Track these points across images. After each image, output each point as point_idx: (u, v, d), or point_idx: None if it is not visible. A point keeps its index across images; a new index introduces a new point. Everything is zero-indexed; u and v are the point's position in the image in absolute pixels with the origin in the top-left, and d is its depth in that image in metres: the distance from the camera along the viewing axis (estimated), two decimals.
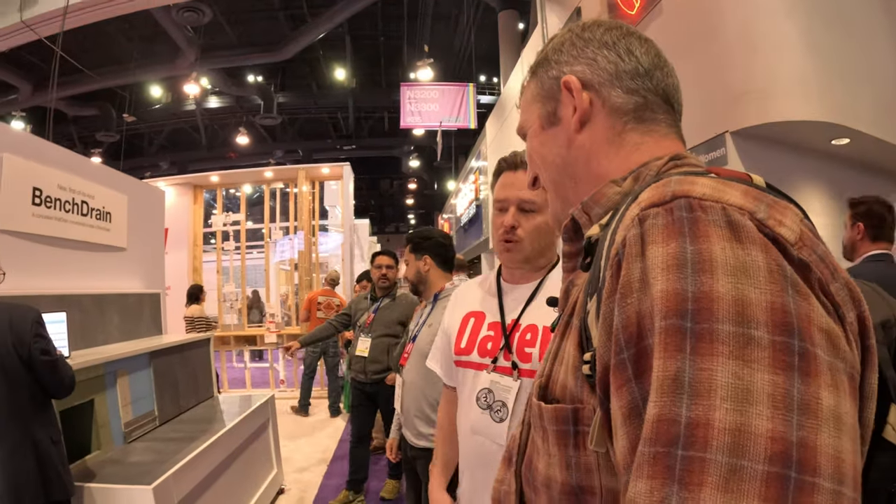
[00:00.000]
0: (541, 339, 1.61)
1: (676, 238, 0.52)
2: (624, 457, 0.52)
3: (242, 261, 9.83)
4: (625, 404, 0.52)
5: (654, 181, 0.64)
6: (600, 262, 0.62)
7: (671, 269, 0.50)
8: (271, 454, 4.97)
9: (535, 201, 1.67)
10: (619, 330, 0.54)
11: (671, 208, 0.54)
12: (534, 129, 0.90)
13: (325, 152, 25.11)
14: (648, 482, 0.46)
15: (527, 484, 0.77)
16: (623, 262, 0.55)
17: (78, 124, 18.96)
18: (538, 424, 0.73)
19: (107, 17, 9.09)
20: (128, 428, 3.62)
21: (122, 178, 4.96)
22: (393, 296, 4.73)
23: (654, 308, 0.51)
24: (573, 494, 0.66)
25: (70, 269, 4.14)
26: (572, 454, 0.66)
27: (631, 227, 0.56)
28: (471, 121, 17.30)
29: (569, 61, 0.84)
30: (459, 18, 19.26)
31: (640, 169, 0.76)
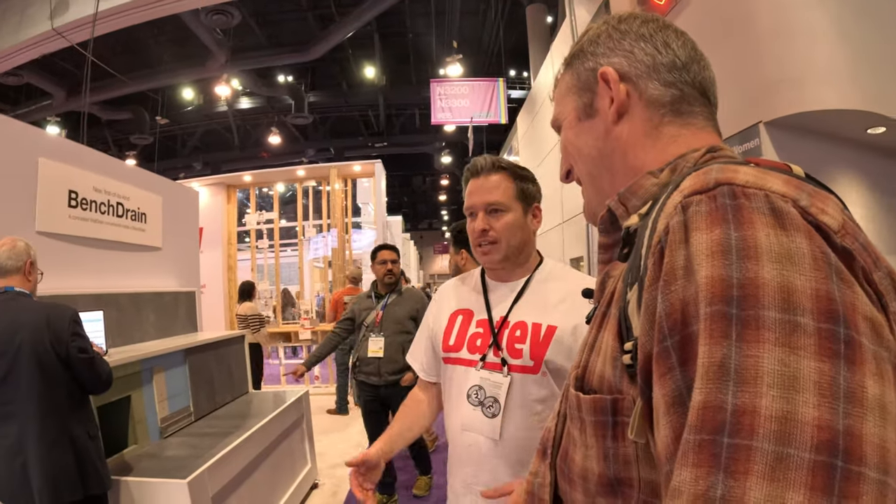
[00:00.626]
0: (531, 336, 1.64)
1: (720, 225, 0.52)
2: (667, 446, 0.51)
3: (276, 259, 9.96)
4: (668, 392, 0.52)
5: (693, 171, 0.64)
6: (641, 251, 0.62)
7: (716, 256, 0.50)
8: (305, 449, 5.02)
9: (500, 201, 1.72)
10: (662, 317, 0.54)
11: (714, 195, 0.54)
12: (569, 121, 0.90)
13: (356, 150, 25.22)
14: (693, 470, 0.46)
15: (562, 476, 0.78)
16: (666, 249, 0.56)
17: (112, 128, 19.34)
18: (575, 415, 0.73)
19: (136, 22, 9.28)
20: (164, 423, 3.70)
21: (156, 180, 5.06)
22: (399, 291, 4.60)
23: (699, 294, 0.51)
24: (610, 486, 0.66)
25: (107, 268, 4.24)
26: (610, 445, 0.66)
27: (674, 214, 0.57)
28: (501, 116, 17.26)
29: (605, 53, 0.84)
30: (487, 13, 19.21)
31: (677, 160, 0.76)
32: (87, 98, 8.39)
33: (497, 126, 19.98)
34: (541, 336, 1.63)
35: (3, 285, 2.65)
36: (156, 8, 8.91)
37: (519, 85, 22.46)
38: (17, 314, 2.57)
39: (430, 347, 1.93)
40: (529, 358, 1.62)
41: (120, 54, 14.45)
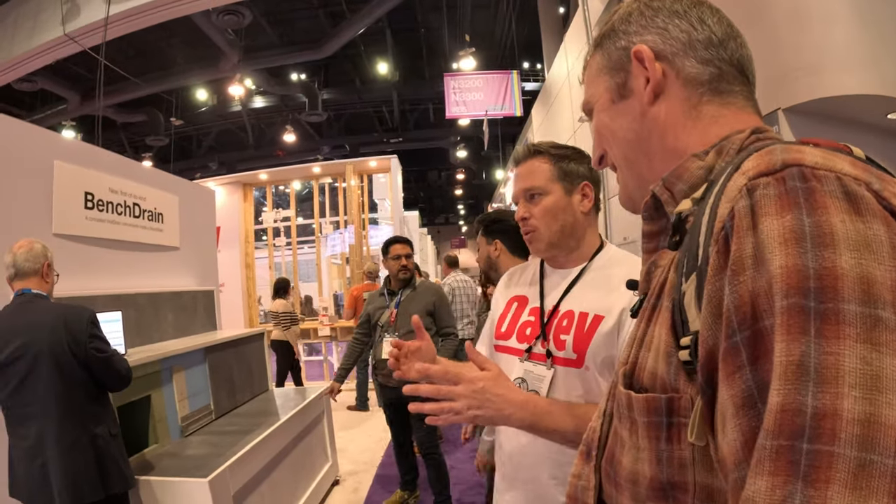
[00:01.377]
0: (576, 326, 1.55)
1: (792, 209, 0.48)
2: (735, 452, 0.48)
3: (294, 256, 9.99)
4: (737, 393, 0.48)
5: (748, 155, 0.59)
6: (698, 239, 0.58)
7: (790, 243, 0.47)
8: (326, 446, 5.03)
9: (535, 185, 1.65)
10: (730, 311, 0.50)
11: (783, 177, 0.51)
12: (602, 103, 0.87)
13: (371, 146, 25.21)
14: (770, 479, 0.43)
15: (607, 479, 0.73)
16: (733, 236, 0.52)
17: (127, 130, 19.48)
18: (625, 416, 0.68)
19: (147, 25, 9.31)
20: (184, 422, 3.71)
21: (172, 180, 5.07)
22: (413, 286, 4.35)
23: (772, 286, 0.47)
24: (662, 491, 0.62)
25: (124, 269, 4.25)
26: (664, 448, 0.61)
27: (739, 198, 0.53)
28: (516, 108, 17.17)
29: (638, 31, 0.81)
30: (499, 6, 19.09)
31: (721, 142, 0.72)
32: (100, 101, 8.44)
33: (512, 119, 19.89)
34: (586, 327, 1.52)
35: (21, 287, 2.66)
36: (167, 10, 8.93)
37: (533, 77, 22.36)
38: (35, 316, 2.58)
39: (490, 336, 1.85)
40: (573, 350, 1.52)
41: (133, 57, 14.53)
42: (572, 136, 15.70)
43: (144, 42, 13.77)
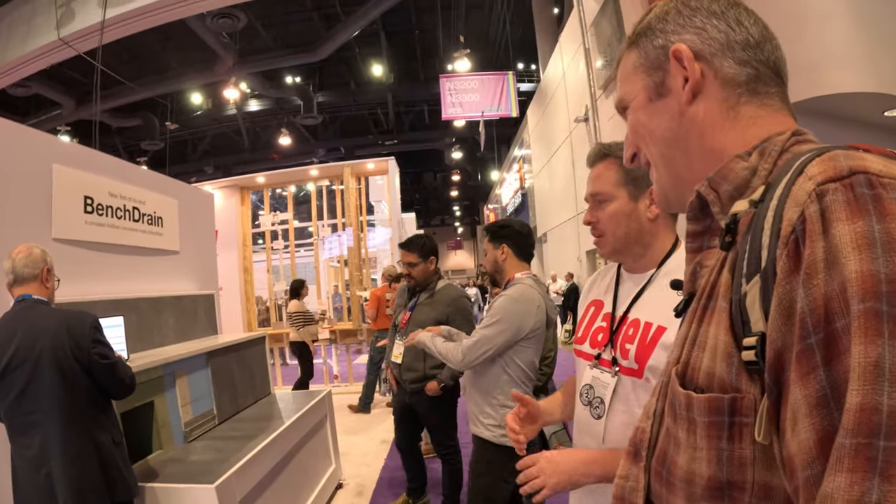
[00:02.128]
0: (640, 336, 1.54)
1: (862, 216, 0.50)
2: (808, 450, 0.50)
3: (292, 259, 9.95)
4: (811, 393, 0.50)
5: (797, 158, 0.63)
6: (760, 240, 0.59)
7: (862, 249, 0.49)
8: (329, 449, 4.99)
9: (601, 191, 1.64)
10: (805, 313, 0.51)
11: (851, 184, 0.52)
12: (639, 101, 0.87)
13: (367, 148, 25.26)
14: (849, 476, 0.45)
15: (657, 480, 0.74)
16: (806, 240, 0.53)
17: (122, 135, 19.48)
18: (683, 416, 0.68)
19: (143, 28, 9.29)
20: (188, 427, 3.67)
21: (171, 183, 5.03)
22: (432, 290, 4.08)
23: (847, 290, 0.49)
24: (719, 490, 0.62)
25: (125, 273, 4.21)
26: (725, 447, 0.62)
27: (809, 202, 0.54)
28: (512, 109, 17.23)
29: (676, 30, 0.81)
30: (493, 7, 19.11)
31: (763, 144, 0.73)
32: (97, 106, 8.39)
33: (507, 120, 19.96)
34: (648, 337, 1.51)
35: (21, 293, 2.62)
36: (163, 13, 8.90)
37: (527, 77, 22.44)
38: (37, 322, 2.53)
39: None
40: (634, 360, 1.52)
41: (127, 62, 14.53)
42: (568, 136, 15.75)
43: (139, 46, 13.76)
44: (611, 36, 11.13)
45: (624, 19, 10.35)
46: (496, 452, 2.91)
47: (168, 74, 15.38)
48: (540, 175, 20.88)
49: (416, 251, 4.01)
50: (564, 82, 15.80)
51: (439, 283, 4.12)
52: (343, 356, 10.10)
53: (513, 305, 2.81)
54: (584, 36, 12.76)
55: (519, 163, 25.52)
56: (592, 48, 12.51)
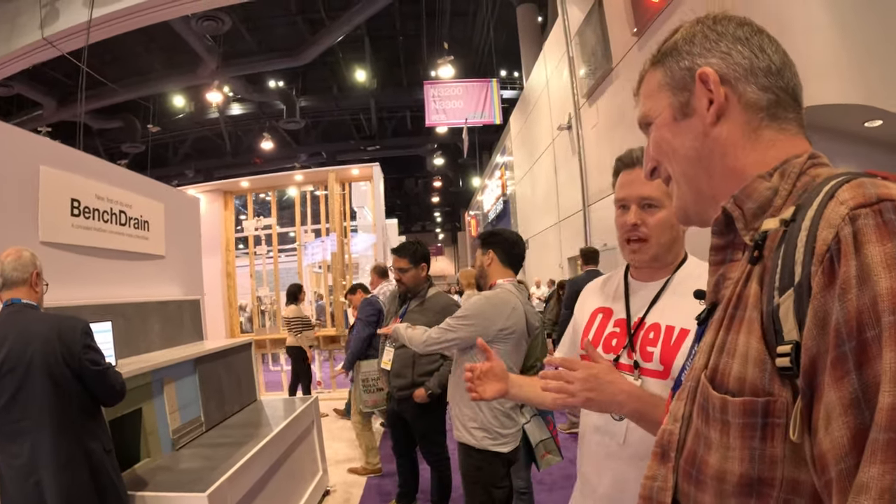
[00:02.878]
0: (663, 339, 1.58)
1: (891, 238, 0.56)
2: (842, 446, 0.55)
3: (275, 264, 9.88)
4: (845, 395, 0.55)
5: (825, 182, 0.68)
6: (794, 256, 0.64)
7: (892, 268, 0.54)
8: (317, 456, 4.95)
9: (656, 196, 1.63)
10: (840, 323, 0.56)
11: (879, 210, 0.58)
12: (664, 119, 0.91)
13: (349, 154, 25.21)
14: (881, 466, 0.50)
15: (686, 479, 0.77)
16: (841, 258, 0.58)
17: (103, 137, 19.22)
18: (717, 418, 0.71)
19: (128, 30, 9.20)
20: (176, 435, 3.62)
21: (157, 187, 4.97)
22: (423, 297, 4.01)
23: (877, 303, 0.54)
24: (749, 486, 0.67)
25: (111, 278, 4.15)
26: (757, 446, 0.66)
27: (842, 224, 0.59)
28: (496, 116, 17.30)
29: (702, 53, 0.86)
30: (477, 14, 19.19)
31: (783, 165, 0.78)
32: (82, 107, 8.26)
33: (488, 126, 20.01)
34: (672, 340, 1.56)
35: (10, 297, 2.56)
36: (149, 14, 8.82)
37: (510, 85, 22.51)
38: (27, 327, 2.48)
39: (573, 346, 1.89)
40: (659, 362, 1.56)
41: (110, 63, 14.38)
42: (551, 143, 15.81)
43: (123, 47, 13.63)
44: (595, 45, 11.21)
45: (608, 29, 10.43)
46: (484, 458, 2.94)
47: (151, 76, 15.22)
48: (522, 182, 20.94)
49: (408, 257, 3.94)
50: (548, 90, 15.88)
51: (430, 290, 4.05)
52: (326, 362, 10.02)
53: (484, 303, 2.86)
54: (568, 45, 12.85)
55: (501, 169, 25.56)
56: (576, 57, 12.59)
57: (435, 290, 4.10)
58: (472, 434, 2.92)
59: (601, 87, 11.16)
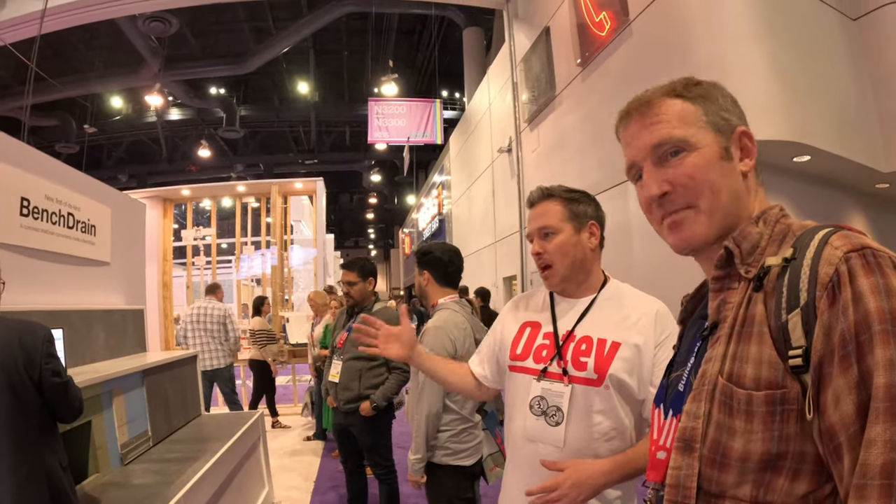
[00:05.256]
0: (596, 350, 1.74)
1: (872, 274, 0.79)
2: (849, 415, 0.76)
3: (213, 276, 9.60)
4: (850, 380, 0.76)
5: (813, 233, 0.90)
6: (797, 286, 0.85)
7: (875, 294, 0.77)
8: (263, 472, 4.82)
9: (549, 224, 1.86)
10: (843, 331, 0.78)
11: (863, 254, 0.81)
12: (711, 155, 1.03)
13: (286, 166, 24.87)
14: (884, 425, 0.71)
15: (710, 465, 0.92)
16: (840, 287, 0.80)
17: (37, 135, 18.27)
18: (742, 409, 0.88)
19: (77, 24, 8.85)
20: (124, 449, 3.46)
21: (106, 190, 4.78)
22: (369, 311, 4.12)
23: (868, 317, 0.76)
24: (768, 461, 0.85)
25: (56, 283, 3.95)
26: (776, 428, 0.85)
27: (840, 263, 0.81)
28: (437, 136, 17.38)
29: (732, 111, 1.07)
30: (423, 34, 19.33)
31: (763, 215, 1.02)
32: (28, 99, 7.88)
33: (427, 146, 20.08)
34: (605, 351, 1.73)
35: None
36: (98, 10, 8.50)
37: (451, 105, 22.68)
38: None
39: (494, 356, 2.04)
40: (594, 371, 1.71)
41: (50, 58, 13.75)
42: (490, 165, 15.99)
43: (64, 43, 13.10)
44: (539, 72, 11.43)
45: (554, 58, 10.67)
46: (446, 474, 2.97)
47: (91, 75, 14.61)
48: (459, 202, 21.04)
49: (356, 271, 4.12)
50: (490, 113, 16.07)
51: (376, 304, 4.22)
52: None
53: (438, 333, 2.90)
54: (513, 70, 13.06)
55: (438, 188, 25.64)
56: (520, 83, 12.80)
57: (381, 305, 4.24)
58: (432, 453, 2.95)
59: (543, 114, 11.37)
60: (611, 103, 8.03)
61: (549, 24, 10.80)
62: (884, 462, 0.70)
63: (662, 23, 7.18)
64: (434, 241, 3.67)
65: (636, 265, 7.41)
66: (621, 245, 7.71)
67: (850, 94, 7.16)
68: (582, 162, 9.32)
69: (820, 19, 7.15)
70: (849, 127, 6.93)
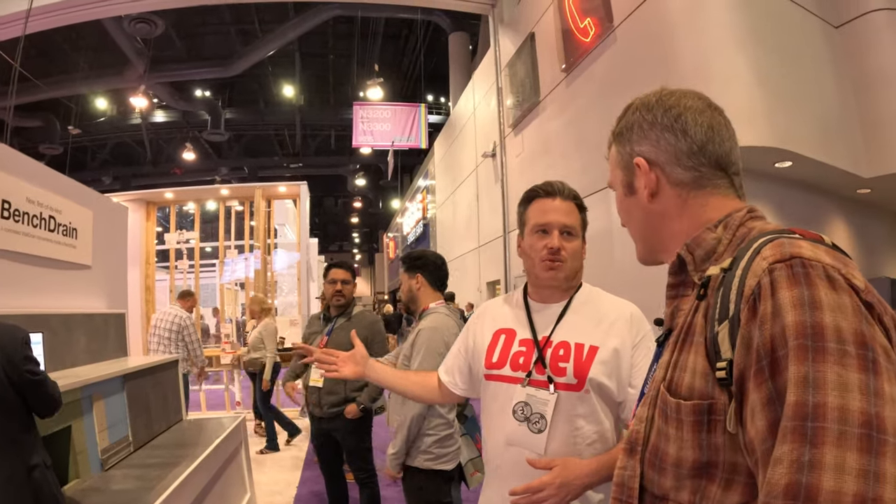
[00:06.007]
0: (574, 355, 1.75)
1: (797, 286, 0.76)
2: (763, 431, 0.74)
3: (196, 280, 9.56)
4: (763, 396, 0.75)
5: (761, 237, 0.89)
6: (729, 296, 0.85)
7: (796, 307, 0.74)
8: (245, 478, 4.80)
9: (574, 226, 1.86)
10: (759, 346, 0.77)
11: (791, 265, 0.78)
12: (619, 194, 1.16)
13: (271, 170, 24.78)
14: (791, 444, 0.69)
15: (651, 467, 0.96)
16: (760, 300, 0.78)
17: (20, 136, 18.05)
18: (674, 417, 0.91)
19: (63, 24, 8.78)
20: (104, 454, 3.44)
21: (87, 193, 4.75)
22: (349, 314, 4.24)
23: (785, 331, 0.74)
24: (700, 469, 0.87)
25: (36, 287, 3.93)
26: (704, 437, 0.86)
27: (763, 275, 0.79)
28: (422, 141, 17.40)
29: (638, 141, 1.09)
30: (409, 38, 19.36)
31: (726, 219, 1.00)
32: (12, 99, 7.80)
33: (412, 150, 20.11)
34: (584, 355, 1.74)
35: None
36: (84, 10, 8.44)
37: (436, 110, 22.71)
38: None
39: (465, 364, 2.01)
40: (573, 376, 1.72)
41: (35, 58, 13.61)
42: (474, 170, 16.03)
43: (49, 42, 12.97)
44: (524, 77, 11.47)
45: (538, 63, 10.72)
46: (426, 478, 2.99)
47: (76, 76, 14.49)
48: (443, 206, 21.06)
49: (350, 272, 4.32)
50: (475, 117, 16.11)
51: (355, 308, 4.33)
52: (246, 382, 9.75)
53: (434, 334, 2.92)
54: (498, 75, 13.10)
55: (422, 193, 25.64)
56: (505, 88, 12.84)
57: (359, 308, 4.36)
58: (413, 456, 2.98)
59: (528, 119, 11.40)
60: (595, 109, 8.10)
61: (534, 30, 10.84)
62: (788, 483, 0.68)
63: (646, 29, 7.23)
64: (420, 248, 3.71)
65: (617, 269, 7.45)
66: (603, 249, 7.75)
67: (833, 100, 7.25)
68: (566, 167, 9.35)
69: (803, 26, 7.24)
70: (831, 133, 7.02)
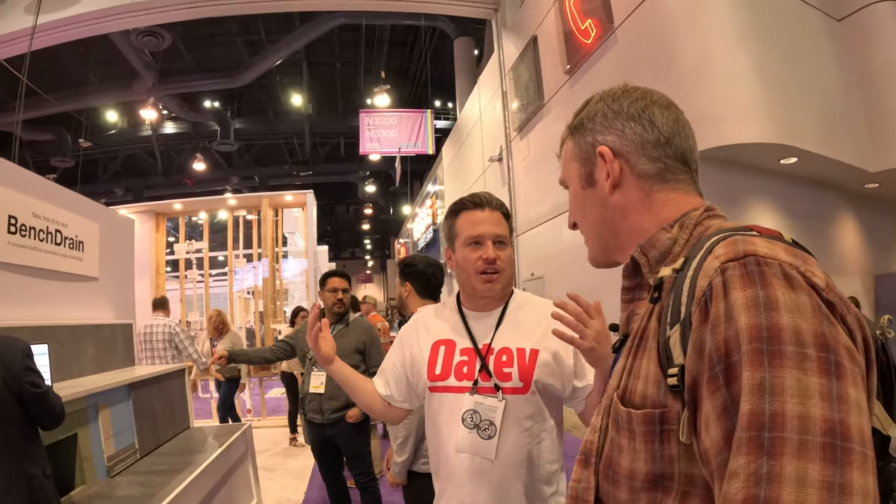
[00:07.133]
0: (517, 359, 1.78)
1: (751, 286, 0.70)
2: (718, 443, 0.69)
3: (206, 289, 9.66)
4: (717, 405, 0.70)
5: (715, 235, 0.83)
6: (681, 298, 0.79)
7: (750, 308, 0.68)
8: (251, 483, 4.86)
9: (505, 235, 1.88)
10: (711, 351, 0.71)
11: (745, 263, 0.72)
12: (574, 187, 1.10)
13: (281, 178, 24.92)
14: (746, 457, 0.64)
15: (605, 479, 0.91)
16: (711, 302, 0.73)
17: (32, 149, 18.32)
18: (625, 427, 0.86)
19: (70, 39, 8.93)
20: (111, 461, 3.52)
21: (93, 207, 4.85)
22: (346, 321, 4.30)
23: (739, 335, 0.68)
24: (654, 481, 0.82)
25: (44, 299, 4.02)
26: (657, 448, 0.81)
27: (715, 275, 0.74)
28: (429, 146, 17.44)
29: (602, 130, 1.03)
30: (415, 45, 19.44)
31: (682, 218, 0.95)
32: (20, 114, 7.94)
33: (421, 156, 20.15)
34: (526, 359, 1.77)
35: None
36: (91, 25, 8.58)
37: (444, 115, 22.76)
38: None
39: (403, 376, 2.01)
40: (519, 380, 1.76)
41: (45, 72, 13.81)
42: (482, 174, 16.07)
43: (59, 57, 13.15)
44: (528, 81, 11.52)
45: (542, 66, 10.77)
46: (426, 482, 3.00)
47: (86, 89, 14.69)
48: None
49: (349, 280, 4.37)
50: (481, 122, 16.16)
51: (351, 315, 4.39)
52: (256, 389, 9.83)
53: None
54: (502, 79, 13.15)
55: (432, 198, 25.66)
56: (510, 91, 12.89)
57: (355, 316, 4.44)
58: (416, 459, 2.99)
59: (532, 122, 11.44)
60: None
61: (536, 33, 10.89)
62: (745, 497, 0.63)
63: (646, 28, 7.25)
64: (417, 254, 3.71)
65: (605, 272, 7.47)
66: None
67: (836, 94, 7.24)
68: None
69: (804, 21, 7.24)
70: (835, 127, 7.01)
